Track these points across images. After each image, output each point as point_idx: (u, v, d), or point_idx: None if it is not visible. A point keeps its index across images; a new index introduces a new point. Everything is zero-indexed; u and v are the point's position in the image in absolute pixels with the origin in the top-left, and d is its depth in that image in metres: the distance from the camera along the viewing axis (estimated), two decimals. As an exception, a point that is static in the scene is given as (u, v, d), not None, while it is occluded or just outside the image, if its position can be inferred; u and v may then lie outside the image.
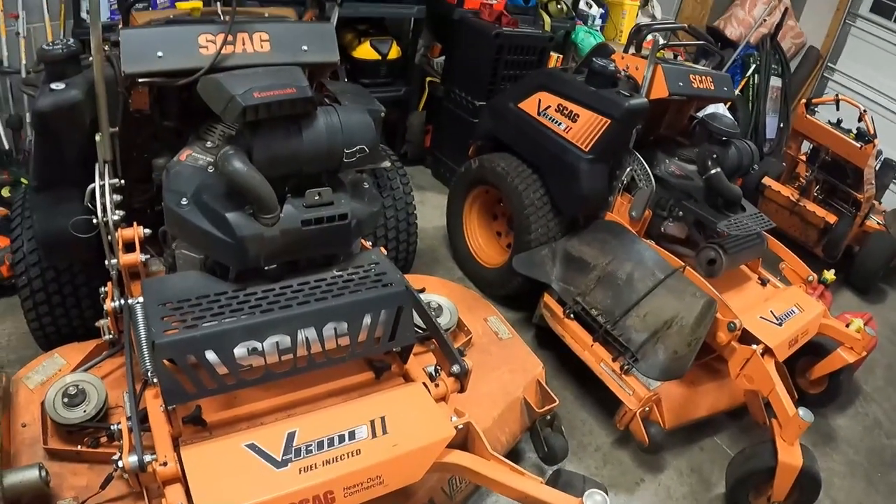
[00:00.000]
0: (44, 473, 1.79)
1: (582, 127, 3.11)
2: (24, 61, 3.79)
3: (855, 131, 4.59)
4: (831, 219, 4.58)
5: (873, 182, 4.73)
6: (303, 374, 1.82)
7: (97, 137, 2.12)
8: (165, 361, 1.63)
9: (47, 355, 2.28)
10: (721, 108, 3.33)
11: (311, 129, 1.87)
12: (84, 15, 3.70)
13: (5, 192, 3.65)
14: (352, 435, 1.69)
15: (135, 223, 2.17)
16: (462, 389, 1.97)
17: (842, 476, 3.07)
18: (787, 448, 2.48)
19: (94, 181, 2.14)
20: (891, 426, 3.52)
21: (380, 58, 4.52)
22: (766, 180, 4.90)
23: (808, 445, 2.59)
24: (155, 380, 1.71)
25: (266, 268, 1.87)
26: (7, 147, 3.81)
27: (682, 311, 2.73)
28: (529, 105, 3.38)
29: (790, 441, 2.49)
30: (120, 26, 2.44)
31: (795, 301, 3.07)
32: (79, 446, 1.98)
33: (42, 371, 2.22)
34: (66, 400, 1.99)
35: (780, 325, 2.85)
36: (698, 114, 3.35)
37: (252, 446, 1.62)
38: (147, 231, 2.17)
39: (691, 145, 3.31)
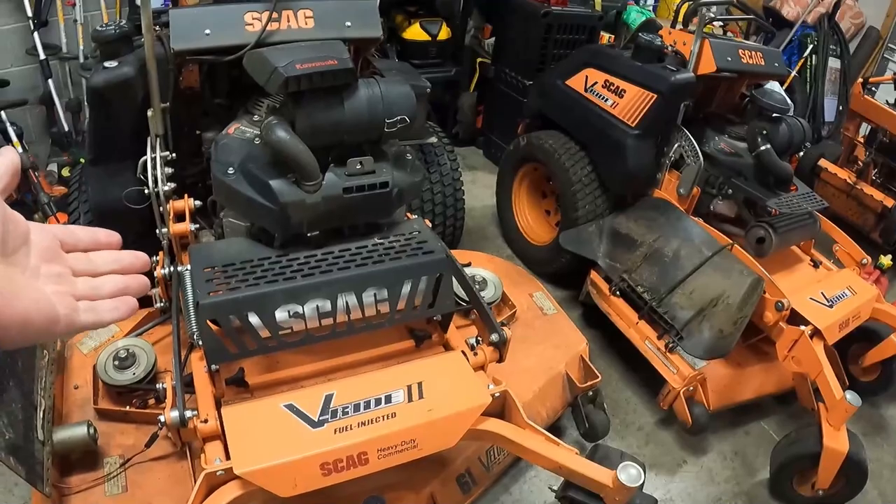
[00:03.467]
0: (92, 431, 1.87)
1: (628, 103, 3.08)
2: (81, 47, 3.92)
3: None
4: (889, 202, 4.40)
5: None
6: (342, 338, 1.85)
7: (149, 112, 2.18)
8: (209, 322, 1.68)
9: (100, 322, 2.37)
10: (776, 86, 3.26)
11: (353, 99, 1.90)
12: (138, 2, 3.80)
13: (65, 173, 3.79)
14: (388, 399, 1.71)
15: (185, 195, 2.23)
16: (501, 358, 1.97)
17: (892, 468, 2.96)
18: (832, 433, 2.42)
19: (146, 154, 2.20)
20: (948, 416, 3.40)
21: (430, 39, 4.57)
22: (823, 162, 4.76)
23: (857, 434, 2.52)
24: (199, 341, 1.76)
25: (309, 235, 1.91)
26: (67, 129, 3.95)
27: (729, 289, 2.69)
28: (576, 82, 3.37)
29: (836, 426, 2.42)
30: (170, 7, 2.51)
31: (848, 284, 2.97)
32: (127, 407, 2.06)
33: (95, 337, 2.31)
34: (116, 363, 2.07)
35: (830, 307, 2.77)
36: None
37: (290, 406, 1.65)
38: (198, 203, 2.23)
39: (742, 123, 3.25)
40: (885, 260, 3.69)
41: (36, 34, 3.69)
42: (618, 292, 2.97)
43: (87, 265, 0.79)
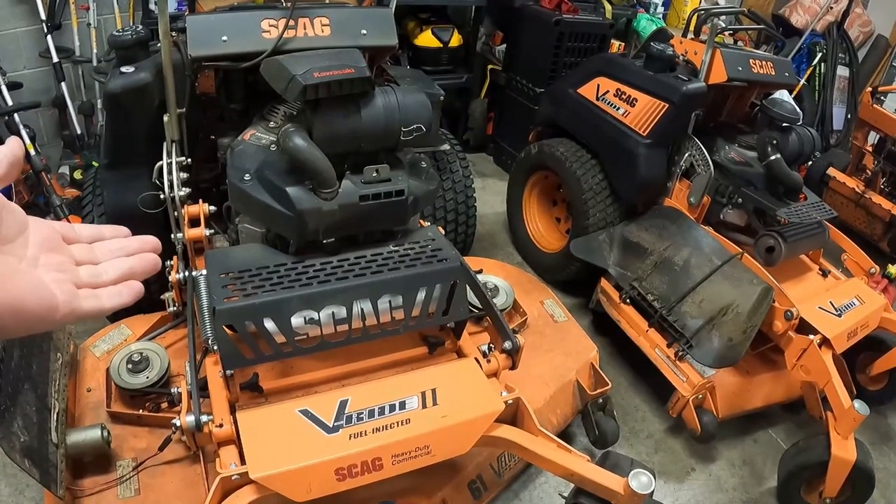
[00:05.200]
0: (105, 433, 1.88)
1: (640, 112, 3.10)
2: (94, 50, 3.95)
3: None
4: (897, 211, 4.44)
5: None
6: (357, 344, 1.85)
7: (165, 118, 2.20)
8: (225, 328, 1.69)
9: (114, 326, 2.39)
10: (785, 95, 3.26)
11: (369, 107, 1.91)
12: (152, 6, 3.84)
13: (77, 175, 3.81)
14: (402, 405, 1.72)
15: (200, 200, 2.25)
16: (513, 366, 1.98)
17: (900, 477, 2.98)
18: (840, 441, 2.41)
19: (161, 159, 2.22)
20: (956, 425, 3.40)
21: (441, 45, 4.59)
22: (832, 171, 4.76)
23: (865, 443, 2.52)
24: (215, 346, 1.78)
25: (325, 241, 1.92)
26: (79, 132, 3.97)
27: (739, 298, 2.69)
28: (588, 90, 3.38)
29: (844, 434, 2.42)
30: (186, 13, 2.53)
31: (856, 293, 2.97)
32: (140, 410, 2.07)
33: (108, 340, 2.32)
34: (130, 366, 2.08)
35: (839, 316, 2.77)
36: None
37: (305, 412, 1.66)
38: (212, 208, 2.25)
39: (752, 132, 3.26)
40: (894, 269, 3.69)
41: (49, 37, 3.71)
42: (628, 300, 2.97)
43: (90, 254, 0.78)
